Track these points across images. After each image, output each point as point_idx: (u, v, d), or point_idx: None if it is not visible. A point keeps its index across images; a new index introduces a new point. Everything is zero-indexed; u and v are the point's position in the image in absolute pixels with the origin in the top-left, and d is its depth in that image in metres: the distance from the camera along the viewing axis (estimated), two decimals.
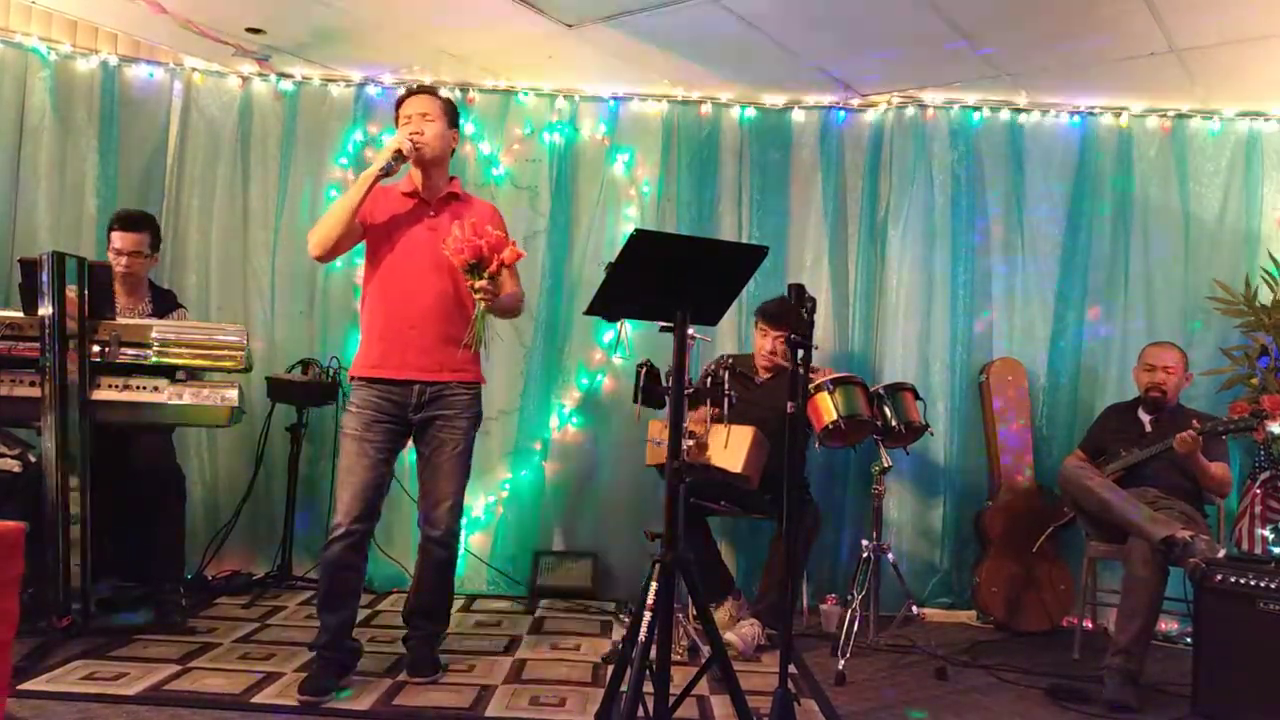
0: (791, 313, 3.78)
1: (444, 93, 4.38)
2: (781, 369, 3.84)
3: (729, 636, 3.37)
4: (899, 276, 4.41)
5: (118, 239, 3.60)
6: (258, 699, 2.77)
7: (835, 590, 4.09)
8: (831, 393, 3.52)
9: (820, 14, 3.57)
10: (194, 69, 4.43)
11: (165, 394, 3.19)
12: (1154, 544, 3.14)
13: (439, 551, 3.02)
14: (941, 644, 3.68)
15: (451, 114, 3.04)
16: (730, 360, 3.43)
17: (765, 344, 3.84)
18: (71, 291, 3.05)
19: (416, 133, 2.91)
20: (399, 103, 3.03)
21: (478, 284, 2.79)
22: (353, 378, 2.99)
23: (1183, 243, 4.35)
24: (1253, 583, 2.91)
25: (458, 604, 4.06)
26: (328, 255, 2.95)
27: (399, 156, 2.86)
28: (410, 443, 3.05)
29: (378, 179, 2.86)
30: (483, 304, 2.84)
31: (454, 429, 2.97)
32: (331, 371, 4.15)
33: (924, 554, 4.34)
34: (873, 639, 3.67)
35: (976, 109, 4.42)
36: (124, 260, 3.59)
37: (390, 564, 4.23)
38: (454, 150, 3.09)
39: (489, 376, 4.34)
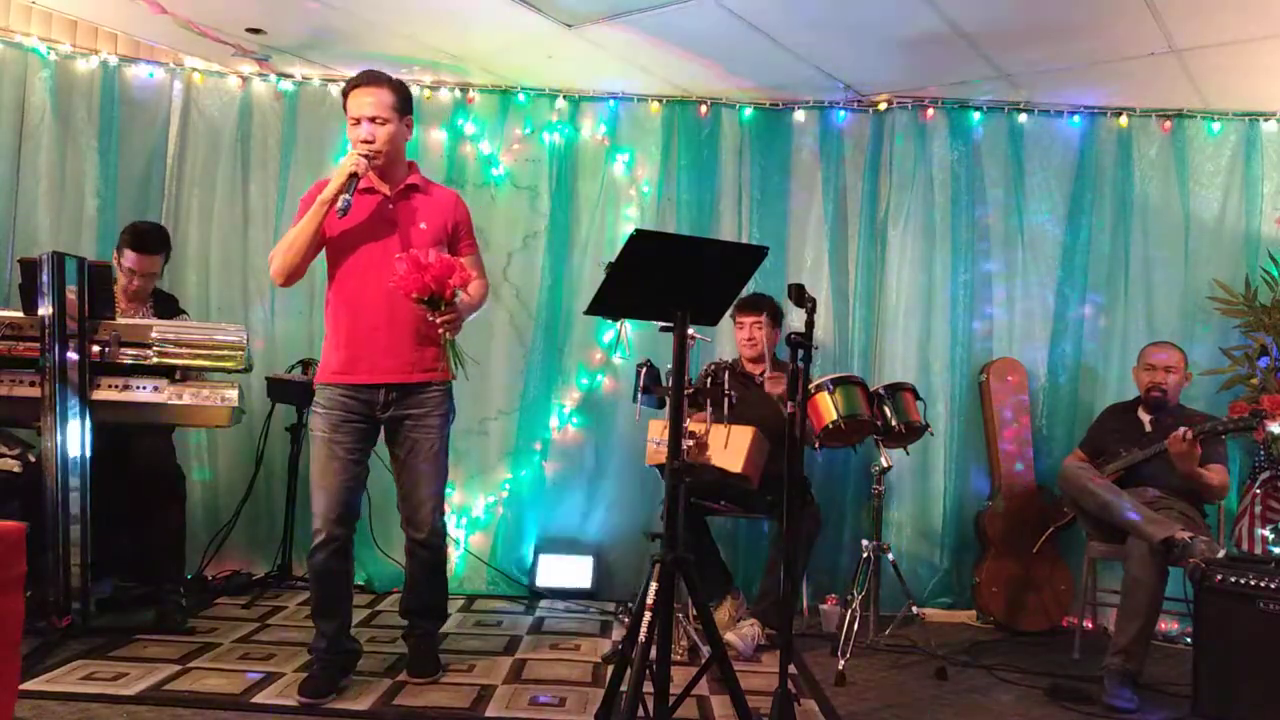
0: (762, 299, 3.82)
1: (444, 94, 4.45)
2: (772, 362, 3.85)
3: (729, 636, 3.37)
4: (899, 276, 4.41)
5: (133, 260, 3.54)
6: (258, 699, 2.77)
7: (835, 590, 4.09)
8: (831, 393, 3.51)
9: (820, 14, 3.57)
10: (194, 69, 4.43)
11: (165, 394, 3.19)
12: (1154, 544, 3.14)
13: (425, 554, 2.99)
14: (941, 644, 3.68)
15: (403, 104, 2.84)
16: (726, 364, 3.43)
17: (743, 334, 3.87)
18: (71, 292, 3.06)
19: (367, 140, 2.77)
20: (345, 92, 2.83)
21: (438, 319, 2.70)
22: (319, 383, 2.89)
23: (1183, 243, 4.35)
24: (1253, 583, 2.91)
25: (458, 604, 4.07)
26: (291, 280, 2.86)
27: (354, 182, 2.71)
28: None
29: (333, 210, 2.70)
30: (447, 335, 2.76)
31: (427, 428, 2.90)
32: None
33: (924, 554, 4.34)
34: (873, 639, 3.67)
35: (977, 109, 4.42)
36: (136, 281, 3.57)
37: (390, 564, 4.23)
38: (408, 139, 2.93)
39: (490, 376, 4.38)
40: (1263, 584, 2.89)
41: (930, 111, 4.43)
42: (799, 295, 2.62)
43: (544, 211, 4.48)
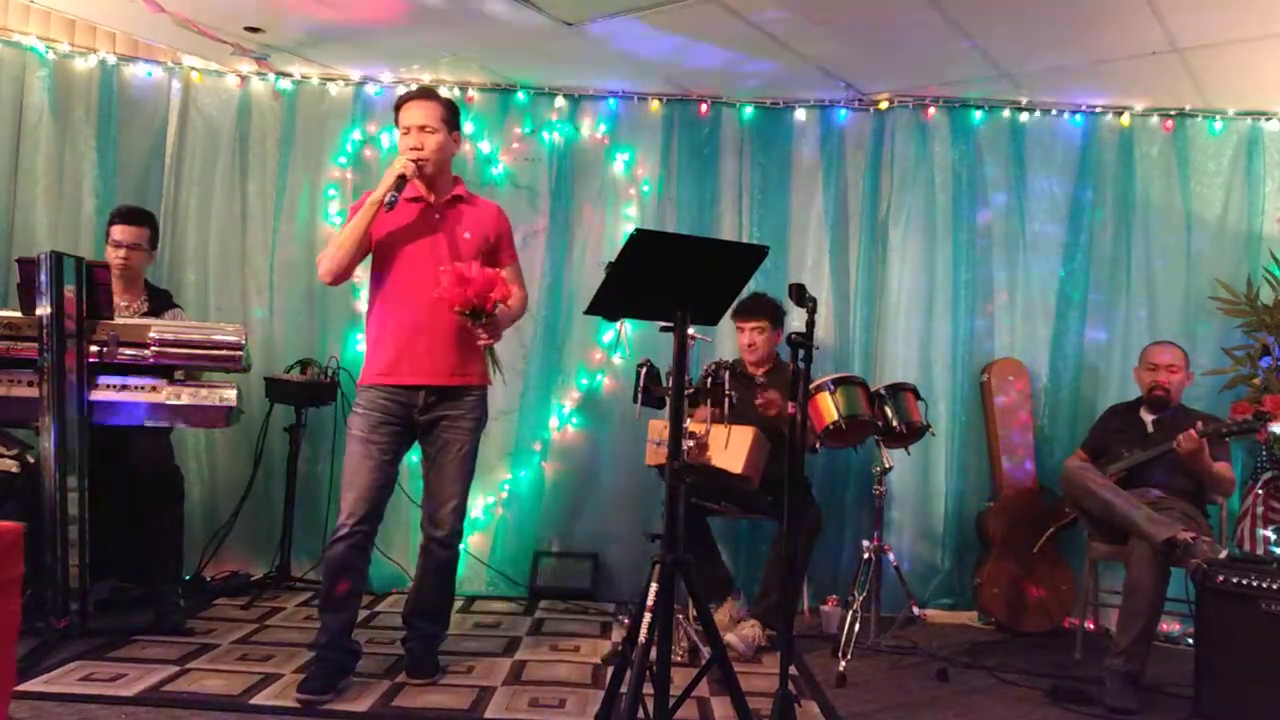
0: (762, 303, 3.82)
1: (444, 92, 4.43)
2: (774, 362, 3.85)
3: (729, 637, 3.36)
4: (900, 276, 4.40)
5: (118, 231, 3.59)
6: (256, 700, 2.76)
7: (836, 591, 4.08)
8: (832, 393, 3.51)
9: (821, 13, 3.56)
10: (192, 68, 4.42)
11: (163, 394, 3.18)
12: (1156, 545, 3.13)
13: (441, 553, 3.01)
14: (943, 645, 3.67)
15: (452, 118, 2.98)
16: (727, 364, 3.41)
17: (743, 339, 3.86)
18: (69, 291, 3.05)
19: (416, 148, 2.87)
20: (398, 105, 2.97)
21: (478, 329, 2.81)
22: (362, 386, 2.96)
23: (1184, 242, 4.34)
24: (1255, 583, 2.90)
25: (457, 605, 4.04)
26: (339, 280, 2.97)
27: (402, 183, 2.81)
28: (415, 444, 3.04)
29: (382, 207, 2.81)
30: (484, 344, 2.88)
31: (459, 430, 2.96)
32: (330, 371, 4.14)
33: (925, 555, 4.33)
34: (874, 640, 3.66)
35: (978, 108, 4.41)
36: (123, 253, 3.58)
37: (390, 565, 4.22)
38: (455, 153, 3.05)
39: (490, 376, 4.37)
40: (1264, 585, 2.88)
41: (931, 111, 4.42)
42: (799, 295, 2.61)
43: (544, 211, 4.47)
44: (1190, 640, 3.49)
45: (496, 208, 3.15)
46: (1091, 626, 3.97)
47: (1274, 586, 2.87)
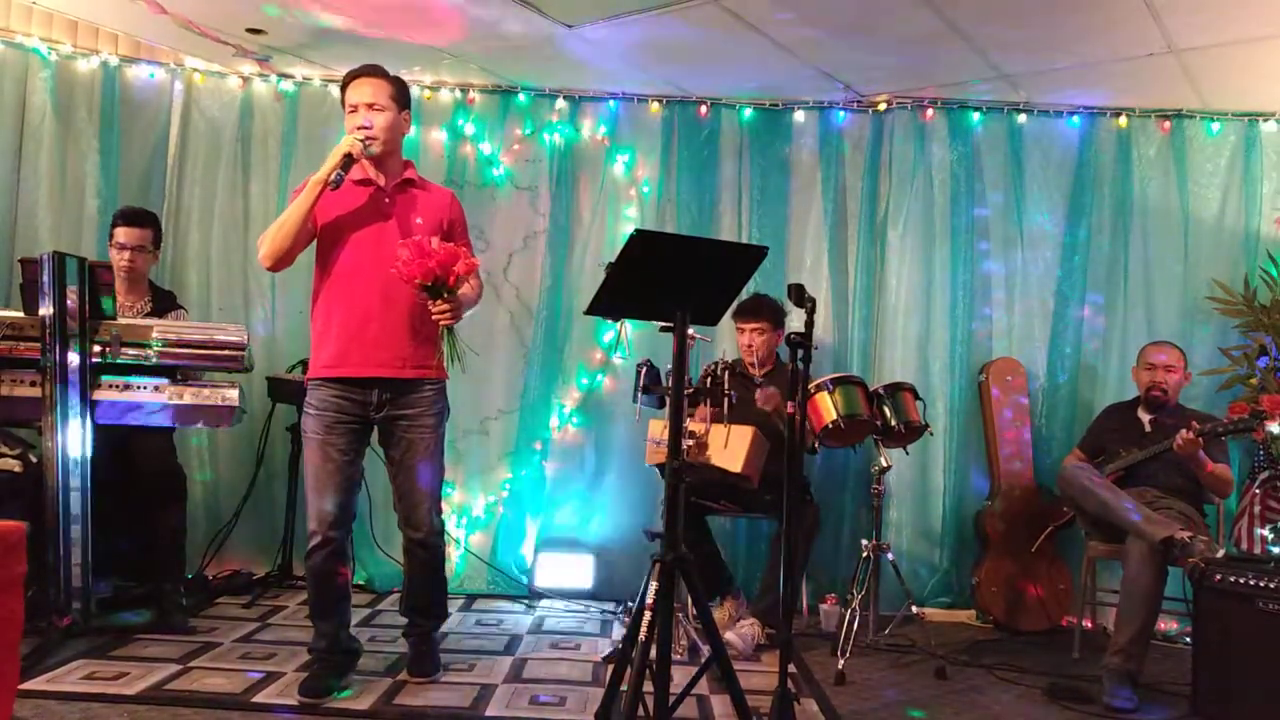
0: (762, 304, 3.84)
1: (445, 93, 4.45)
2: (774, 363, 3.87)
3: (729, 636, 3.38)
4: (899, 276, 4.41)
5: (121, 234, 3.61)
6: (258, 698, 2.78)
7: (835, 590, 4.10)
8: (831, 392, 3.52)
9: (820, 14, 3.57)
10: (194, 69, 4.43)
11: (166, 394, 3.19)
12: (1153, 544, 3.14)
13: (423, 553, 2.97)
14: (941, 643, 3.68)
15: (402, 96, 2.86)
16: (726, 364, 3.43)
17: (743, 339, 3.88)
18: (72, 292, 3.06)
19: (365, 127, 2.76)
20: (344, 84, 2.84)
21: (437, 306, 2.67)
22: (311, 380, 2.85)
23: (1182, 242, 4.35)
24: (1252, 582, 2.92)
25: (458, 603, 4.08)
26: (281, 265, 2.80)
27: (349, 162, 2.72)
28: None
29: (325, 187, 2.70)
30: (444, 324, 2.72)
31: (421, 428, 2.86)
32: None
33: (923, 553, 4.34)
34: (872, 638, 3.67)
35: (976, 109, 4.42)
36: (127, 255, 3.60)
37: (390, 563, 4.23)
38: (406, 133, 2.93)
39: (489, 376, 4.39)
40: (1262, 583, 2.90)
41: (930, 112, 4.43)
42: (799, 295, 2.62)
43: (544, 211, 4.48)
44: (1188, 639, 3.51)
45: (450, 193, 3.04)
46: (1089, 625, 3.98)
47: (1271, 585, 2.88)
